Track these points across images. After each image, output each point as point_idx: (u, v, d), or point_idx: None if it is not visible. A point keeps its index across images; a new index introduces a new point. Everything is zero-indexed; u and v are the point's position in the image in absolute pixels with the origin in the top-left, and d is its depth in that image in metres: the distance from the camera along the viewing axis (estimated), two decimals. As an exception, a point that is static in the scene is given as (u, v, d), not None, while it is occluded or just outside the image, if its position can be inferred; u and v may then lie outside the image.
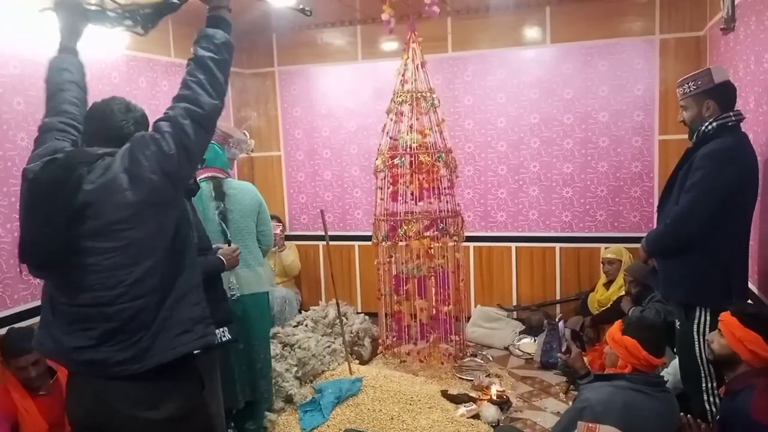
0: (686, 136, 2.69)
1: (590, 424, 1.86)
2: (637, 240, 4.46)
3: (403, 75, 3.93)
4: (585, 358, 2.67)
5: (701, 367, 2.49)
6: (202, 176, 2.92)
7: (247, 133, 3.63)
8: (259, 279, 3.07)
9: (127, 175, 1.57)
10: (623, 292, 3.97)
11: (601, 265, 4.34)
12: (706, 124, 2.50)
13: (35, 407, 2.55)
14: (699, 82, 2.54)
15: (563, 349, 2.64)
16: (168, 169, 1.59)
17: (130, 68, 3.94)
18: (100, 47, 3.69)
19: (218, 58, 1.66)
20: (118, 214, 1.57)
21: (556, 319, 2.85)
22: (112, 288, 1.59)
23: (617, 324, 2.27)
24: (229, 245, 2.58)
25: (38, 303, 3.13)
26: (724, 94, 2.52)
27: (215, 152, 3.02)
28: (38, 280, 3.18)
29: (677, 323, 2.63)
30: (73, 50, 1.91)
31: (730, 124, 2.48)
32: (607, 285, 4.24)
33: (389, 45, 4.94)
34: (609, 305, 4.05)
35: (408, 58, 3.92)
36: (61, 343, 1.65)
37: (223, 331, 2.34)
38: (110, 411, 1.65)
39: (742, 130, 2.54)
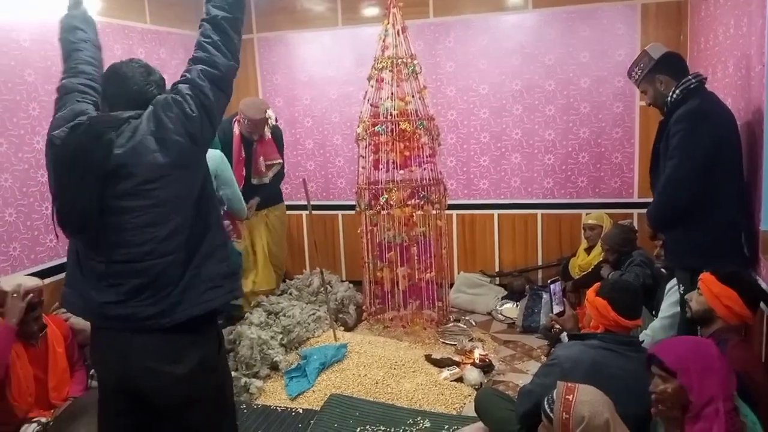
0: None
1: (569, 384, 1.90)
2: (618, 205, 4.57)
3: (383, 41, 3.89)
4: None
5: (699, 331, 2.53)
6: None
7: (269, 111, 4.12)
8: None
9: (154, 138, 1.63)
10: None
11: (582, 231, 4.39)
12: (671, 93, 2.55)
13: (26, 354, 2.66)
14: (642, 65, 2.62)
15: (556, 311, 2.65)
16: (192, 131, 1.66)
17: (105, 35, 3.81)
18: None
19: (231, 17, 1.70)
20: (147, 174, 1.63)
21: (549, 281, 2.86)
22: (142, 245, 1.65)
23: (594, 285, 2.31)
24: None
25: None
26: (671, 64, 2.58)
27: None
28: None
29: (681, 288, 2.63)
30: (81, 7, 1.99)
31: (692, 86, 2.51)
32: (588, 250, 4.29)
33: (370, 10, 4.87)
34: (590, 270, 4.11)
35: (389, 23, 3.87)
36: (92, 299, 1.71)
37: None
38: (134, 365, 1.71)
39: (715, 92, 2.56)
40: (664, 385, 1.74)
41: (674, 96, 2.53)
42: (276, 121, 4.36)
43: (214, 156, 3.23)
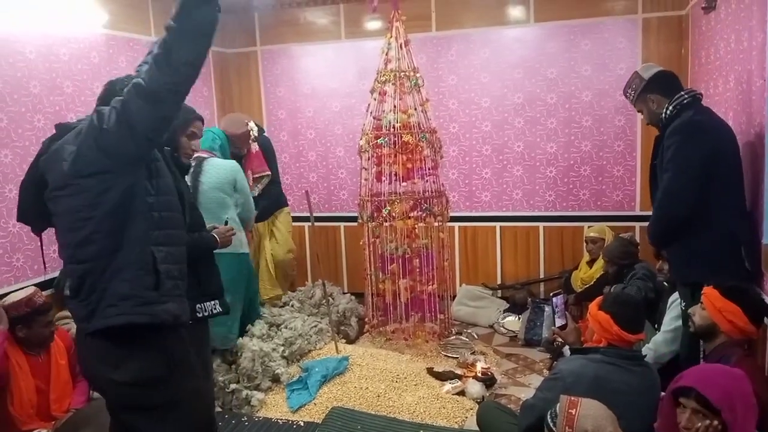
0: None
1: (573, 398, 1.90)
2: (619, 218, 4.57)
3: (386, 54, 3.91)
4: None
5: (701, 347, 2.51)
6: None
7: (251, 123, 4.15)
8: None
9: (73, 147, 1.69)
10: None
11: (585, 244, 4.38)
12: (664, 110, 2.56)
13: (27, 364, 2.67)
14: (634, 86, 2.65)
15: (559, 324, 2.63)
16: (103, 144, 1.65)
17: (110, 47, 3.88)
18: (78, 26, 3.62)
19: (176, 27, 1.55)
20: (57, 182, 1.72)
21: (551, 294, 2.85)
22: (65, 247, 1.77)
23: (597, 299, 2.31)
24: (226, 224, 2.69)
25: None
26: (661, 83, 2.59)
27: (213, 139, 3.60)
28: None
29: (682, 304, 2.64)
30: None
31: (685, 101, 2.52)
32: (591, 263, 4.29)
33: (373, 24, 4.90)
34: (592, 283, 4.10)
35: (391, 37, 3.90)
36: None
37: (214, 304, 2.44)
38: (87, 365, 1.84)
39: (714, 108, 2.56)
40: (705, 422, 1.69)
41: (668, 112, 2.54)
42: (260, 132, 4.32)
43: (232, 166, 3.53)
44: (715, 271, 2.43)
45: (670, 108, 2.53)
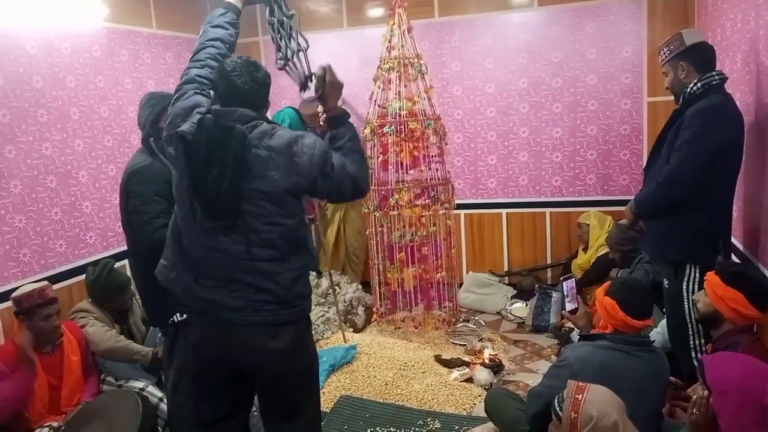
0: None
1: (580, 384, 1.89)
2: (626, 203, 4.50)
3: (389, 41, 3.89)
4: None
5: (689, 325, 2.52)
6: None
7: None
8: None
9: (286, 161, 1.81)
10: (600, 252, 4.03)
11: (580, 230, 4.41)
12: (691, 85, 2.51)
13: (40, 363, 2.68)
14: (672, 47, 2.58)
15: (570, 308, 2.63)
16: (321, 189, 1.91)
17: (111, 41, 3.86)
18: (79, 19, 3.61)
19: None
20: (265, 186, 1.80)
21: (561, 279, 2.84)
22: (240, 243, 1.82)
23: (604, 285, 2.29)
24: None
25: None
26: (698, 55, 2.52)
27: (283, 119, 4.09)
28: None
29: (665, 282, 2.65)
30: (237, 10, 2.21)
31: (714, 83, 2.47)
32: (585, 250, 4.29)
33: (375, 11, 4.87)
34: (589, 268, 4.10)
35: (394, 24, 3.87)
36: (184, 277, 1.90)
37: None
38: (236, 343, 1.90)
39: (728, 90, 2.53)
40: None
41: (694, 89, 2.50)
42: None
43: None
44: (693, 252, 2.50)
45: (699, 85, 2.49)
